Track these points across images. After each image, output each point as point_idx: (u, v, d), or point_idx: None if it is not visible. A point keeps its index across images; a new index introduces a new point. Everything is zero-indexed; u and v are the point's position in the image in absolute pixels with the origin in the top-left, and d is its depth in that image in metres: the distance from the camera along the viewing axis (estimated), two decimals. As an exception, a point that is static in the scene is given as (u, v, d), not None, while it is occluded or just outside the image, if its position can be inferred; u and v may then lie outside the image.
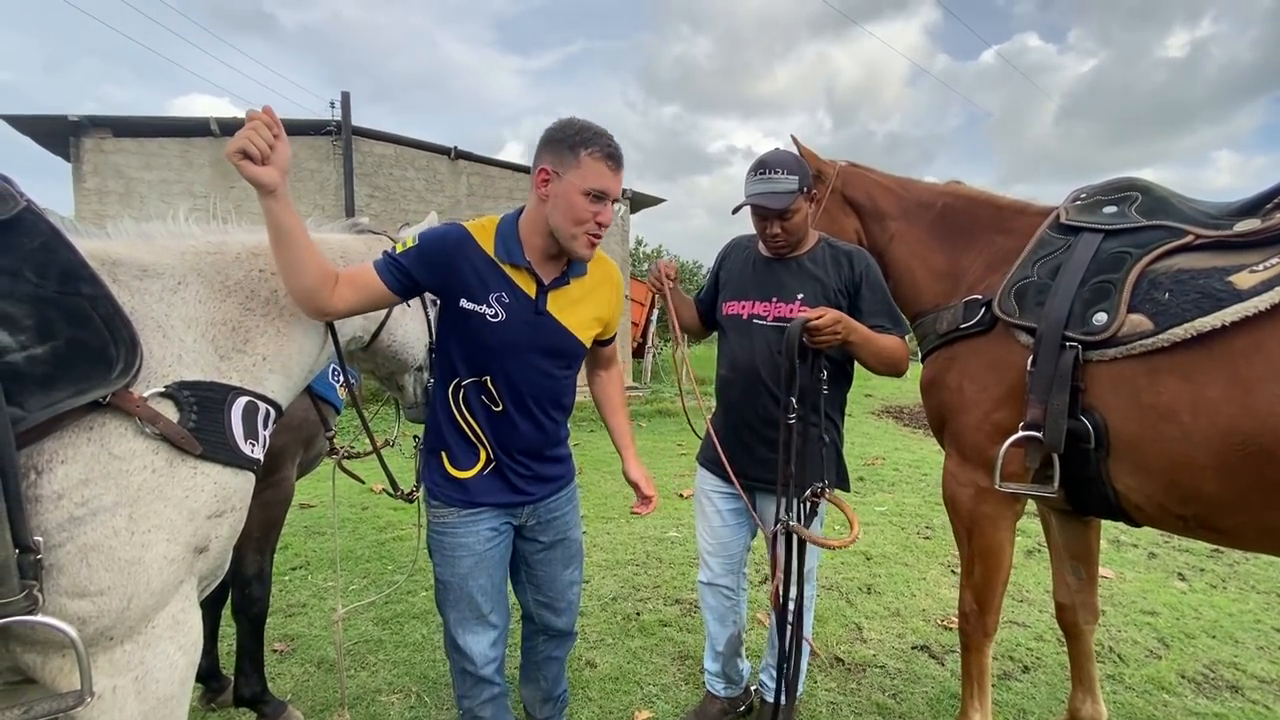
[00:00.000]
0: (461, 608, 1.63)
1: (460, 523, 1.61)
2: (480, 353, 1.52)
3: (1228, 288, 1.40)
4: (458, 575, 1.61)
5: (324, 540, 4.14)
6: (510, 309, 1.50)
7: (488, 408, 1.57)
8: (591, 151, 1.42)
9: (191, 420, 1.18)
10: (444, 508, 1.61)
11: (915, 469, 6.26)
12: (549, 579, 1.78)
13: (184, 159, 9.97)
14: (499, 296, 1.49)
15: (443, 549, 1.62)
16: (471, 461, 1.59)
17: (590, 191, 1.42)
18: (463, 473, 1.59)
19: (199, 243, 1.40)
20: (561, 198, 1.43)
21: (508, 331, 1.50)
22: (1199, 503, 1.45)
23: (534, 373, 1.56)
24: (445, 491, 1.61)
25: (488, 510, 1.62)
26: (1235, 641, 2.85)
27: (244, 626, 2.15)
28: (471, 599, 1.63)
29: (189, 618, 1.20)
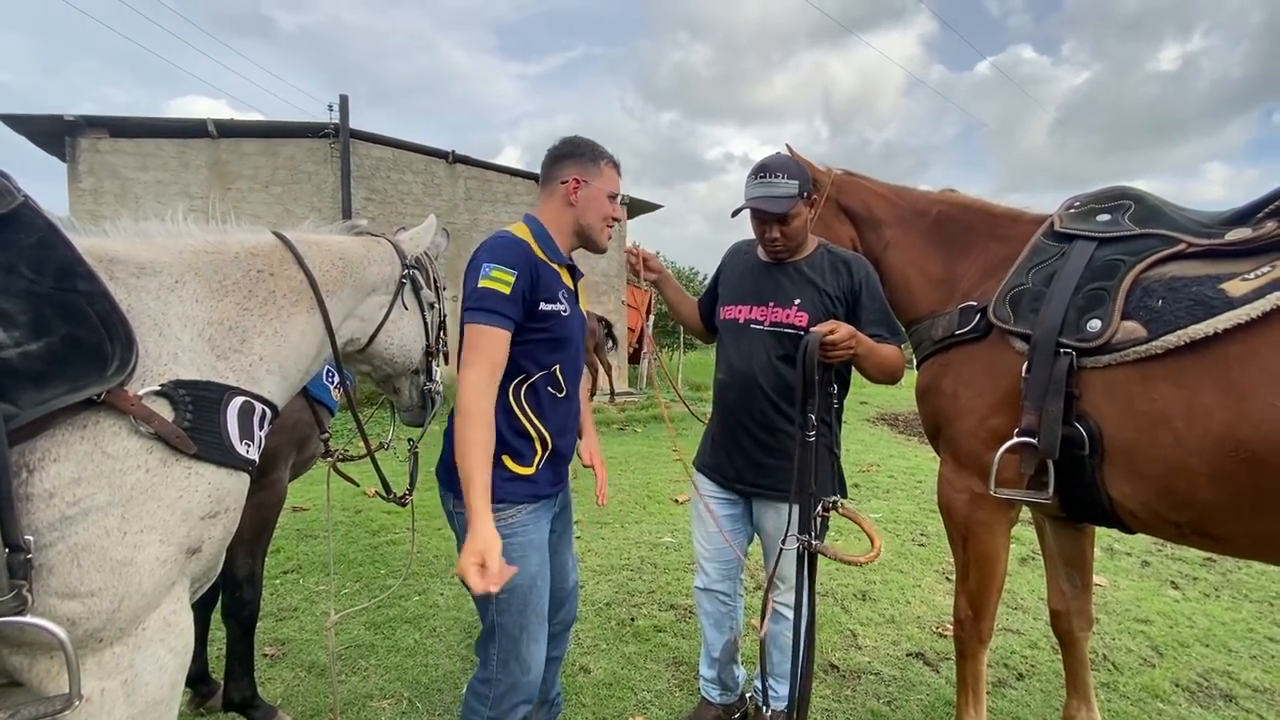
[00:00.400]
0: (529, 613, 1.62)
1: (530, 519, 1.63)
2: (559, 346, 1.68)
3: (1220, 295, 1.41)
4: (528, 577, 1.60)
5: (317, 544, 4.11)
6: (569, 302, 1.69)
7: (553, 396, 1.68)
8: (608, 161, 1.73)
9: (187, 420, 1.17)
10: (510, 507, 1.60)
11: (910, 476, 6.27)
12: (559, 566, 1.84)
13: (181, 160, 9.96)
14: (563, 293, 1.67)
15: (510, 552, 1.51)
16: (533, 456, 1.66)
17: (612, 195, 1.73)
18: (527, 469, 1.64)
19: (197, 241, 1.39)
20: (593, 200, 1.71)
21: (574, 322, 1.71)
22: (1193, 509, 1.45)
23: (581, 353, 1.77)
24: (511, 490, 1.61)
25: (546, 502, 1.71)
26: (1229, 650, 2.86)
27: (234, 630, 2.13)
28: (540, 601, 1.65)
29: (180, 620, 1.19)
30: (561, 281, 1.69)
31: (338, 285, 1.61)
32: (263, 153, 10.36)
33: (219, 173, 10.14)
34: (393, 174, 11.16)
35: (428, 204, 11.20)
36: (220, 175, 10.15)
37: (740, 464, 2.02)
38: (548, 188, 1.73)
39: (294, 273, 1.51)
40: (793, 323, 1.93)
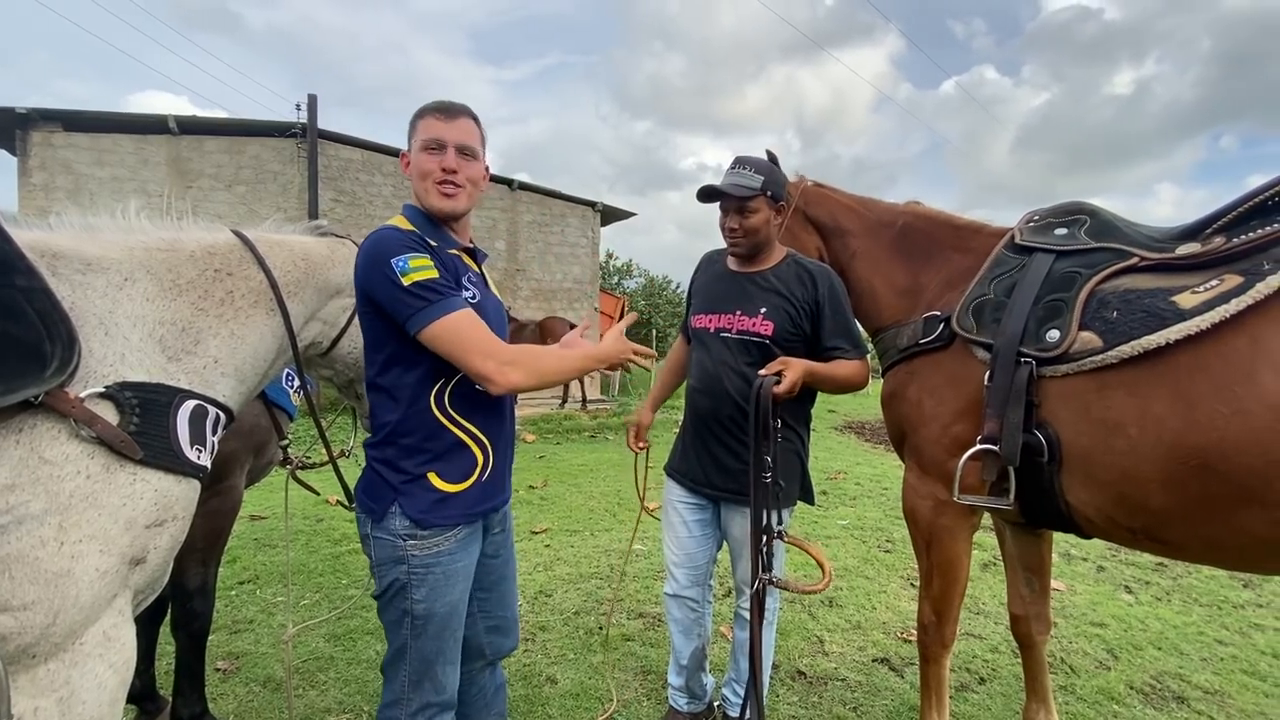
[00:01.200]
0: (446, 637, 1.47)
1: (458, 547, 1.46)
2: None
3: (1171, 307, 1.46)
4: (447, 605, 1.45)
5: (275, 553, 3.99)
6: (478, 287, 1.50)
7: (481, 395, 1.47)
8: (422, 115, 1.47)
9: (133, 423, 1.12)
10: (438, 535, 1.42)
11: (876, 483, 6.36)
12: (500, 595, 1.67)
13: (139, 156, 9.66)
14: (469, 278, 1.49)
15: (433, 581, 1.43)
16: (469, 468, 1.47)
17: (426, 144, 1.44)
18: (459, 485, 1.46)
19: (150, 238, 1.34)
20: (414, 164, 1.46)
21: (487, 308, 1.49)
22: (1146, 515, 1.50)
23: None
24: (440, 515, 1.43)
25: (480, 520, 1.53)
26: (1180, 653, 2.95)
27: (184, 643, 2.05)
28: (459, 625, 1.51)
29: (121, 634, 1.14)
30: (465, 266, 1.50)
31: (300, 287, 1.57)
32: (226, 151, 10.10)
33: (179, 170, 9.86)
34: (362, 175, 10.99)
35: (397, 206, 11.01)
36: (180, 173, 9.86)
37: (709, 468, 2.03)
38: None
39: (253, 273, 1.46)
40: (759, 331, 1.95)
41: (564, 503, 5.38)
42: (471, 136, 1.47)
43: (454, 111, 1.46)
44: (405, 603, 1.43)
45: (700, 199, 2.00)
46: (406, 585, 1.42)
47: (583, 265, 13.92)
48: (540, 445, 8.55)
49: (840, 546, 4.34)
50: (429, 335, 1.33)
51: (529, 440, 8.68)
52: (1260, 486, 1.32)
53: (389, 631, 1.49)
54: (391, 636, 1.49)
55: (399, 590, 1.43)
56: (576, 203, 13.61)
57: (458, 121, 1.45)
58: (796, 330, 1.95)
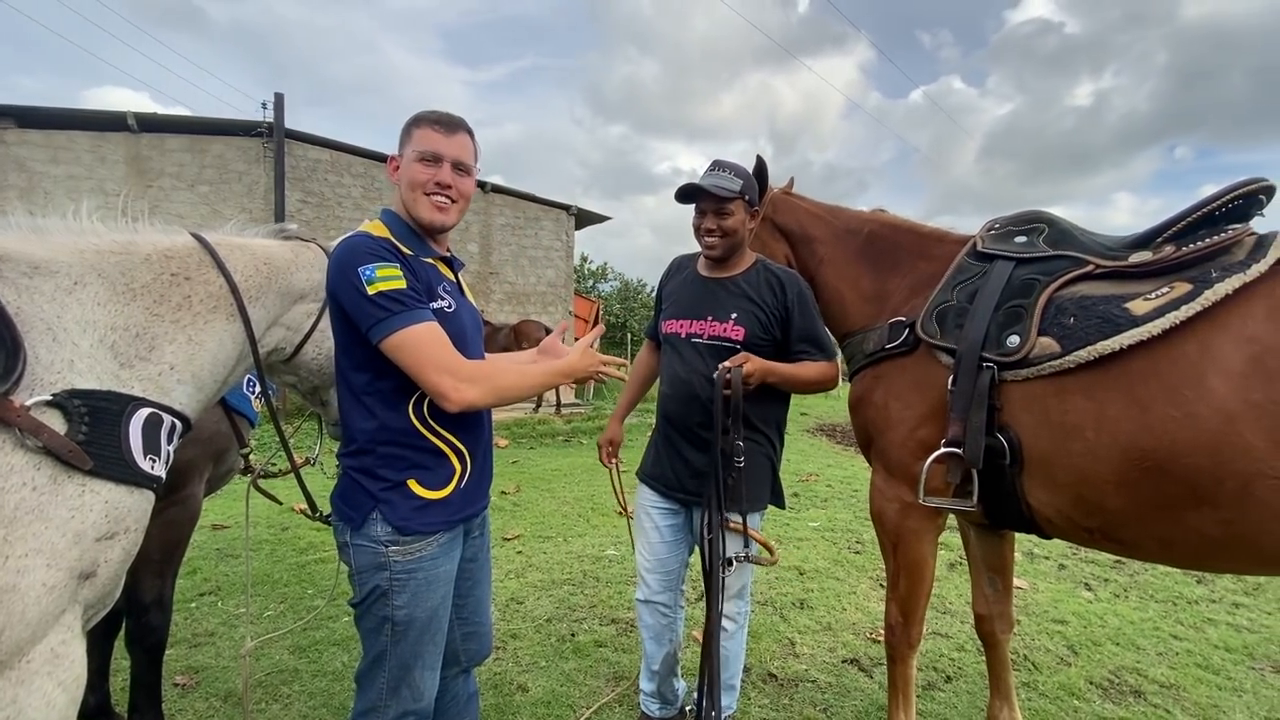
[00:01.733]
0: (426, 642, 1.46)
1: (440, 552, 1.45)
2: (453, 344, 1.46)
3: (1125, 313, 1.51)
4: (428, 610, 1.44)
5: (237, 564, 3.88)
6: (453, 296, 1.50)
7: None
8: (419, 124, 1.46)
9: (82, 432, 1.08)
10: (420, 540, 1.42)
11: (847, 485, 6.45)
12: (476, 600, 1.67)
13: (96, 154, 9.35)
14: (444, 287, 1.48)
15: (415, 587, 1.42)
16: (447, 476, 1.46)
17: (422, 155, 1.44)
18: (439, 492, 1.45)
19: (102, 241, 1.30)
20: (404, 172, 1.46)
21: (463, 317, 1.51)
22: (1103, 515, 1.54)
23: (478, 352, 1.57)
24: (421, 521, 1.42)
25: (462, 526, 1.54)
26: (1137, 648, 3.04)
27: (139, 658, 1.98)
28: (440, 630, 1.49)
29: (71, 651, 1.10)
30: (440, 275, 1.50)
31: (262, 292, 1.53)
32: (188, 149, 9.84)
33: (139, 169, 9.57)
34: (330, 176, 10.79)
35: (367, 208, 10.88)
36: (140, 172, 9.58)
37: (681, 473, 2.03)
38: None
39: (213, 277, 1.43)
40: (730, 336, 1.96)
41: (537, 508, 5.34)
42: (468, 152, 1.48)
43: (453, 126, 1.47)
44: (386, 609, 1.42)
45: (679, 198, 2.02)
46: (388, 591, 1.41)
47: (557, 269, 13.87)
48: (513, 450, 8.48)
49: (811, 548, 4.38)
50: (389, 346, 1.32)
51: (502, 445, 8.60)
52: (1210, 487, 1.37)
53: (366, 639, 1.47)
54: (369, 644, 1.47)
55: (380, 597, 1.42)
56: (550, 206, 13.55)
57: (456, 136, 1.46)
58: (767, 335, 1.97)
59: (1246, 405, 1.33)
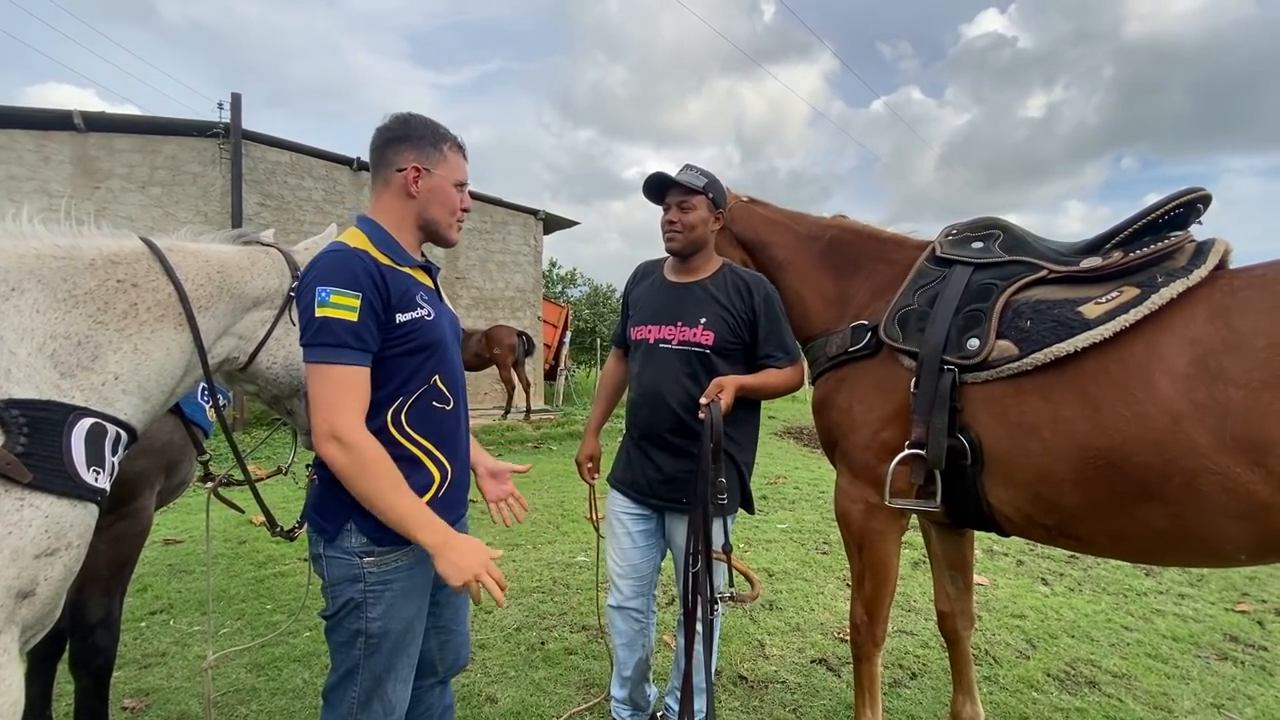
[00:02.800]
0: (399, 655, 1.44)
1: (415, 561, 1.42)
2: (429, 353, 1.46)
3: (1078, 317, 1.56)
4: (403, 622, 1.42)
5: (191, 580, 3.74)
6: (432, 304, 1.49)
7: (439, 411, 1.48)
8: (452, 145, 1.51)
9: (20, 444, 1.03)
10: (395, 551, 1.40)
11: (814, 487, 6.54)
12: (454, 609, 1.65)
13: (39, 154, 8.95)
14: (422, 296, 1.47)
15: (389, 598, 1.40)
16: (426, 485, 1.45)
17: (459, 183, 1.52)
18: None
19: (43, 245, 1.24)
20: (438, 191, 1.48)
21: (441, 324, 1.50)
22: (1059, 513, 1.59)
23: (456, 359, 1.58)
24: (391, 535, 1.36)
25: None
26: (1091, 640, 3.15)
27: (85, 681, 1.88)
28: (414, 643, 1.47)
29: (8, 674, 1.04)
30: (418, 284, 1.48)
31: (213, 300, 1.48)
32: (139, 150, 9.48)
33: (85, 169, 9.19)
34: (290, 179, 10.52)
35: (329, 212, 10.63)
36: (87, 172, 9.19)
37: (653, 479, 2.03)
38: (381, 176, 1.47)
39: (162, 284, 1.37)
40: (699, 341, 1.97)
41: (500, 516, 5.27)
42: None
43: (466, 151, 1.56)
44: (360, 622, 1.39)
45: (646, 189, 2.07)
46: (362, 604, 1.39)
47: (525, 274, 13.75)
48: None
49: (780, 550, 4.42)
50: (308, 370, 1.33)
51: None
52: (1158, 483, 1.43)
53: (337, 653, 1.43)
54: (340, 658, 1.43)
55: (353, 609, 1.39)
56: (518, 210, 13.44)
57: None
58: (736, 339, 1.98)
59: (1191, 404, 1.39)
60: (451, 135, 1.52)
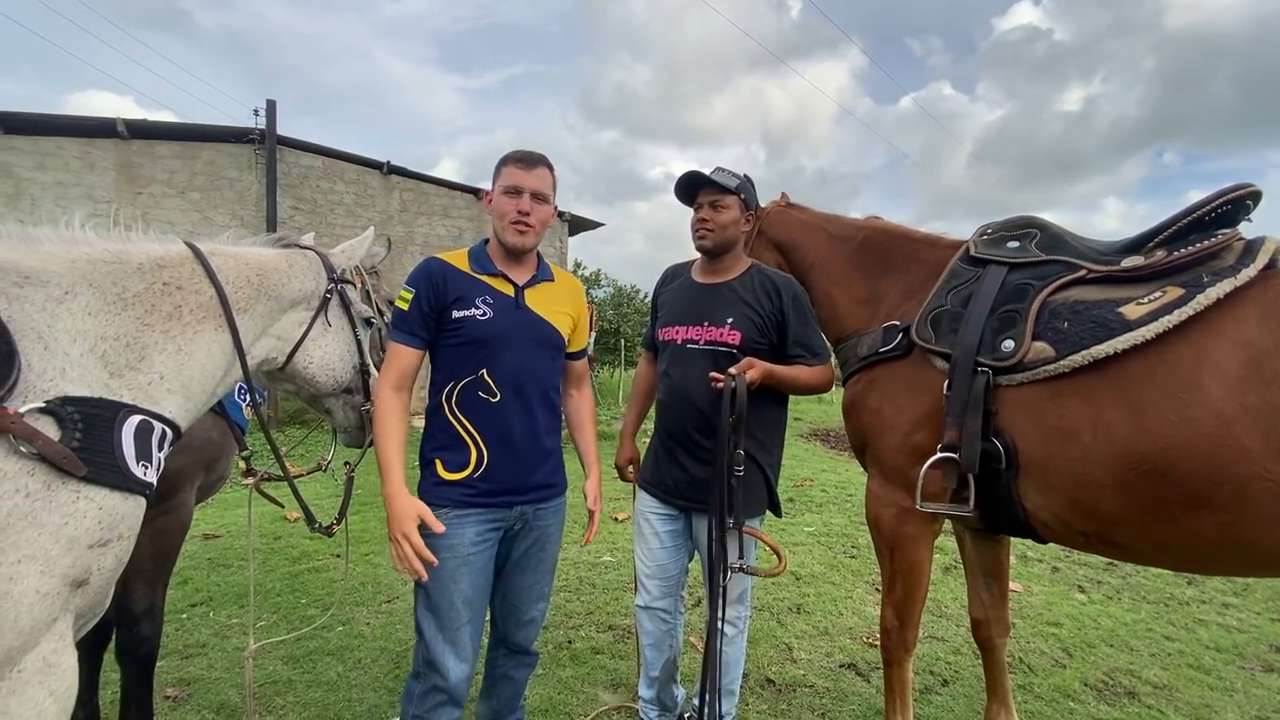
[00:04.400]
0: (442, 615, 1.66)
1: (450, 521, 1.65)
2: (478, 348, 1.70)
3: (1119, 318, 1.52)
4: (440, 579, 1.64)
5: (230, 573, 3.84)
6: (495, 307, 1.72)
7: (484, 401, 1.70)
8: (506, 161, 1.75)
9: (75, 439, 1.07)
10: (434, 510, 1.64)
11: (841, 490, 6.46)
12: (519, 588, 1.83)
13: (84, 161, 9.28)
14: (483, 299, 1.72)
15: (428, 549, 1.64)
16: (463, 464, 1.69)
17: (506, 189, 1.71)
18: (453, 475, 1.69)
19: (94, 250, 1.29)
20: (496, 206, 1.74)
21: (498, 324, 1.71)
22: (1099, 519, 1.55)
23: (524, 359, 1.74)
24: (436, 494, 1.68)
25: (476, 513, 1.69)
26: (1130, 649, 3.06)
27: (131, 670, 1.95)
28: (453, 606, 1.66)
29: (62, 660, 1.08)
30: (488, 288, 1.73)
31: (251, 302, 1.52)
32: (179, 156, 9.78)
33: (128, 176, 9.50)
34: (323, 183, 10.75)
35: (360, 215, 10.83)
36: (130, 178, 9.51)
37: (680, 480, 2.03)
38: None
39: (204, 287, 1.41)
40: (727, 341, 1.97)
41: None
42: (545, 184, 1.74)
43: (532, 161, 1.73)
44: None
45: (679, 187, 2.07)
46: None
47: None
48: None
49: (807, 553, 4.38)
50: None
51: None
52: (1207, 490, 1.38)
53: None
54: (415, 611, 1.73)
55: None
56: (543, 212, 13.56)
57: (535, 171, 1.73)
58: (764, 339, 1.97)
59: (1243, 409, 1.35)
60: (515, 152, 1.75)
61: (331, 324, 1.72)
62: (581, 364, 2.00)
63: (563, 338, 1.83)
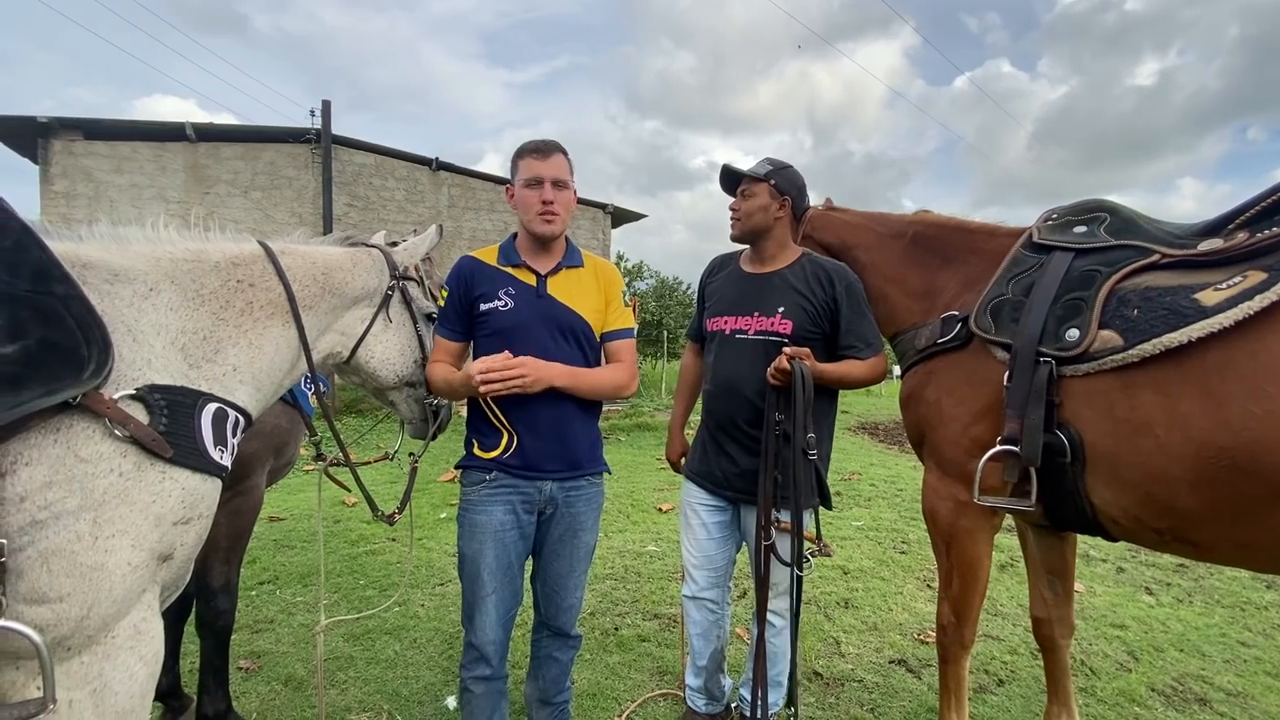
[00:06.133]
0: (470, 582, 1.80)
1: (480, 500, 1.78)
2: (502, 338, 1.77)
3: (1194, 305, 1.44)
4: (472, 549, 1.78)
5: (293, 554, 4.03)
6: (517, 297, 1.80)
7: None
8: (522, 154, 1.81)
9: (162, 423, 1.14)
10: (469, 486, 1.81)
11: (891, 484, 6.33)
12: (555, 573, 1.91)
13: (157, 163, 9.80)
14: (506, 290, 1.81)
15: (463, 524, 1.82)
16: (494, 445, 1.80)
17: (527, 182, 1.78)
18: (487, 454, 1.80)
19: (176, 249, 1.36)
20: (519, 199, 1.82)
21: (517, 314, 1.79)
22: (1174, 516, 1.48)
23: (546, 346, 1.79)
24: (472, 471, 1.82)
25: (506, 492, 1.79)
26: (1202, 654, 2.91)
27: (209, 641, 2.07)
28: (478, 575, 1.78)
29: (150, 628, 1.16)
30: (511, 280, 1.82)
31: (316, 299, 1.58)
32: (241, 157, 10.23)
33: (196, 176, 9.99)
34: (375, 180, 11.08)
35: (410, 210, 11.13)
36: (198, 179, 10.00)
37: (728, 471, 2.03)
38: None
39: (274, 284, 1.48)
40: (778, 330, 1.95)
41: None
42: (563, 169, 1.80)
43: (548, 150, 1.79)
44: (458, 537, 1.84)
45: (721, 181, 2.15)
46: (458, 523, 1.84)
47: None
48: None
49: (855, 548, 4.32)
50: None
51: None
52: None
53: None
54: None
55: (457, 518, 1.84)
56: (587, 205, 13.63)
57: (551, 158, 1.78)
58: (816, 329, 1.95)
59: None
60: (528, 144, 1.80)
61: (393, 320, 1.77)
62: (619, 344, 1.92)
63: (587, 323, 1.84)
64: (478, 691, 1.82)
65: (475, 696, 1.83)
